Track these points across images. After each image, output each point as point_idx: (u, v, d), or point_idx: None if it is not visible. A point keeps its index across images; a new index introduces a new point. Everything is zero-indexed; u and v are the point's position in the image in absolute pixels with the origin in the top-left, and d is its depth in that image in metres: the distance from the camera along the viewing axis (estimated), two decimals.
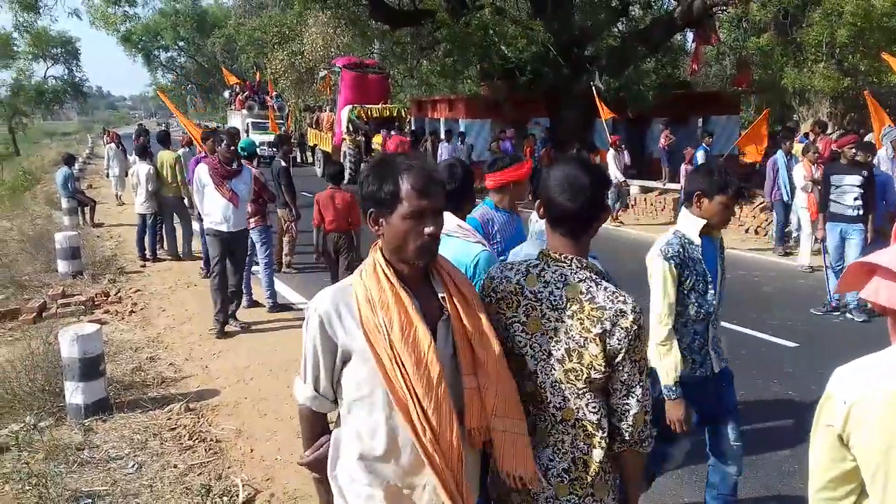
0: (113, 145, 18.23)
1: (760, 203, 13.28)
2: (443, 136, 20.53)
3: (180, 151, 11.52)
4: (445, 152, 18.22)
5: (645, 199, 15.84)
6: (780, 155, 10.64)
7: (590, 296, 1.92)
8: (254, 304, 8.23)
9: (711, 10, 17.82)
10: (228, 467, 4.47)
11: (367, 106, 22.57)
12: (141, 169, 10.59)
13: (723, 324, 7.25)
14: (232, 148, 7.17)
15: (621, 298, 1.91)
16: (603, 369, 1.89)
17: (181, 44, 61.64)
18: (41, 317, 7.82)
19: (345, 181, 8.37)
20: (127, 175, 14.89)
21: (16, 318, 7.81)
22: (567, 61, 18.07)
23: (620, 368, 1.91)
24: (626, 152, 15.07)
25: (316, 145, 25.93)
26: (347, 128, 22.29)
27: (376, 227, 1.93)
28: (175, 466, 4.45)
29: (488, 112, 21.10)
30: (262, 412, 5.32)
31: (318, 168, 23.17)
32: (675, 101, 20.30)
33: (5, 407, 5.34)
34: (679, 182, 14.81)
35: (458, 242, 2.96)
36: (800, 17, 17.17)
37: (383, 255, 1.93)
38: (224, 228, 7.02)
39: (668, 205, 15.07)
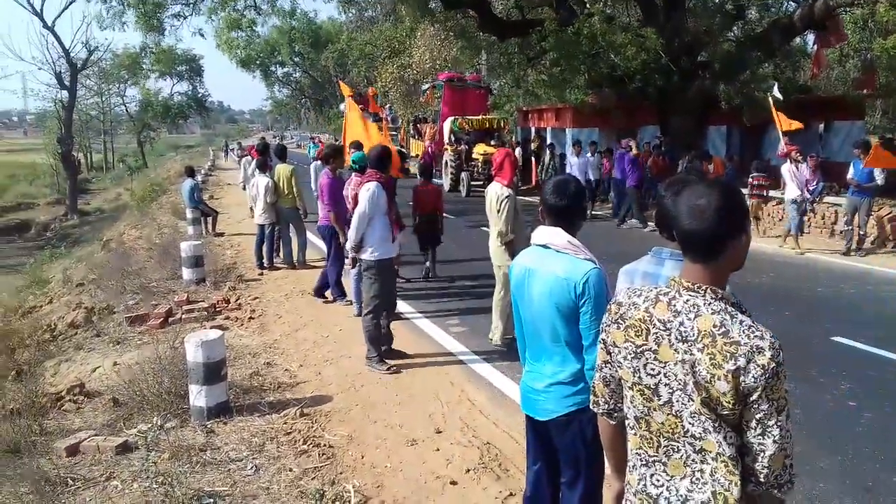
0: (249, 158, 18.84)
1: None
2: (569, 148, 19.96)
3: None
4: (576, 168, 17.12)
5: (762, 209, 15.18)
6: None
7: (724, 329, 1.81)
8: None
9: (834, 12, 16.97)
10: (340, 473, 4.59)
11: (469, 117, 22.97)
12: (260, 181, 11.06)
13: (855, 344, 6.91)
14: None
15: (758, 333, 1.80)
16: (731, 407, 1.79)
17: (296, 59, 64.03)
18: (167, 322, 8.29)
19: (447, 186, 8.82)
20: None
21: (144, 323, 8.32)
22: (678, 67, 17.64)
23: (756, 407, 1.78)
24: (806, 164, 12.77)
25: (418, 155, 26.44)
26: (449, 138, 22.76)
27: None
28: (290, 470, 4.61)
29: (596, 120, 20.88)
30: (373, 419, 5.44)
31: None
32: (794, 106, 19.42)
33: (135, 407, 5.70)
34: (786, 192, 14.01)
35: (569, 259, 2.95)
36: None
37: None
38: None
39: (788, 214, 14.39)
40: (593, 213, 16.64)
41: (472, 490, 4.35)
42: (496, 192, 6.68)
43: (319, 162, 12.45)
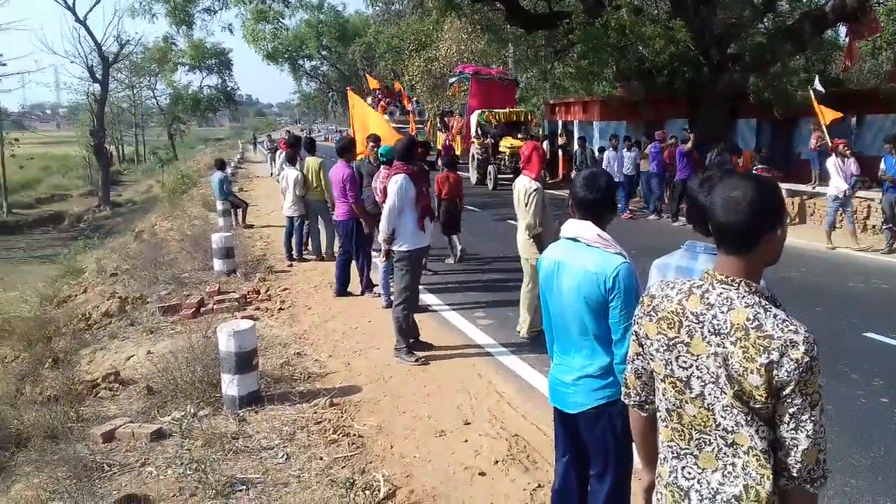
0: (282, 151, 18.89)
1: None
2: (595, 143, 19.58)
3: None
4: (614, 162, 16.50)
5: (792, 203, 15.02)
6: None
7: (757, 323, 1.81)
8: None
9: (868, 2, 16.67)
10: (370, 462, 4.65)
11: (495, 110, 22.92)
12: (290, 174, 11.17)
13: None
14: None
15: (792, 328, 1.79)
16: (764, 400, 1.79)
17: (324, 53, 64.28)
18: (199, 312, 8.42)
19: (473, 179, 8.79)
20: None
21: (177, 313, 8.45)
22: (707, 60, 17.45)
23: (789, 401, 1.78)
24: (853, 159, 12.25)
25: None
26: (476, 132, 22.73)
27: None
28: (321, 458, 4.68)
29: (623, 113, 20.75)
30: (402, 410, 5.50)
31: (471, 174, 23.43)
32: (826, 99, 19.13)
33: (168, 395, 5.81)
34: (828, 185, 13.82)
35: (599, 253, 2.97)
36: None
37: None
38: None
39: (818, 209, 14.24)
40: (629, 208, 16.42)
41: (500, 481, 4.39)
42: (524, 185, 6.69)
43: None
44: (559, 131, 24.68)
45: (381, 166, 8.23)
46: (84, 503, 4.18)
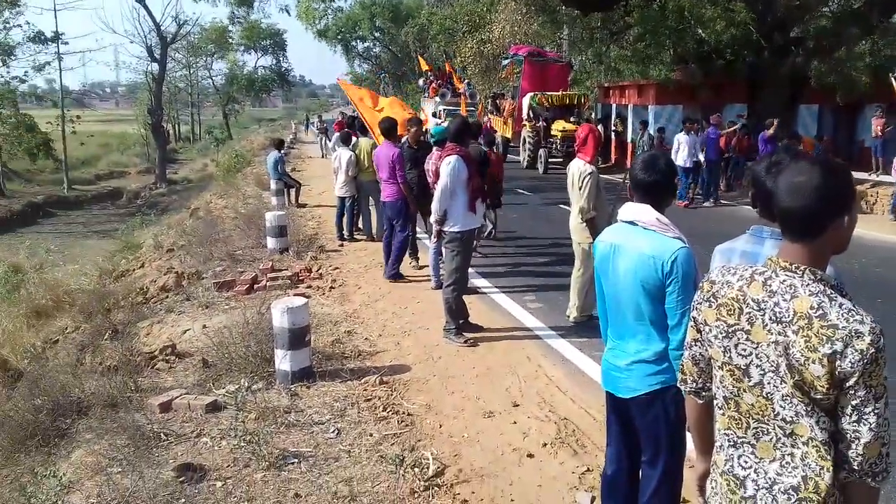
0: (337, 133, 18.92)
1: None
2: (650, 126, 19.14)
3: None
4: (686, 146, 15.12)
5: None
6: None
7: (821, 311, 1.75)
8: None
9: None
10: (419, 440, 4.70)
11: (548, 93, 22.66)
12: (343, 155, 11.26)
13: None
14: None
15: (858, 318, 1.73)
16: (825, 391, 1.74)
17: (377, 34, 64.34)
18: (253, 288, 8.57)
19: (524, 163, 8.65)
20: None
21: (231, 289, 8.62)
22: (769, 43, 16.99)
23: (852, 393, 1.74)
24: None
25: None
26: (528, 114, 22.53)
27: None
28: (371, 435, 4.74)
29: (680, 98, 20.33)
30: (450, 390, 5.53)
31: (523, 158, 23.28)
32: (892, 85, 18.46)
33: (223, 369, 5.94)
34: (893, 174, 13.41)
35: (657, 237, 2.93)
36: None
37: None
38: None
39: (882, 199, 13.80)
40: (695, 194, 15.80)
41: (548, 463, 4.39)
42: (579, 168, 6.62)
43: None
44: (613, 115, 24.32)
45: (434, 148, 8.24)
46: (142, 470, 4.31)
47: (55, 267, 16.44)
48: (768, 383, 1.85)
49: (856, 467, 1.77)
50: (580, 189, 6.57)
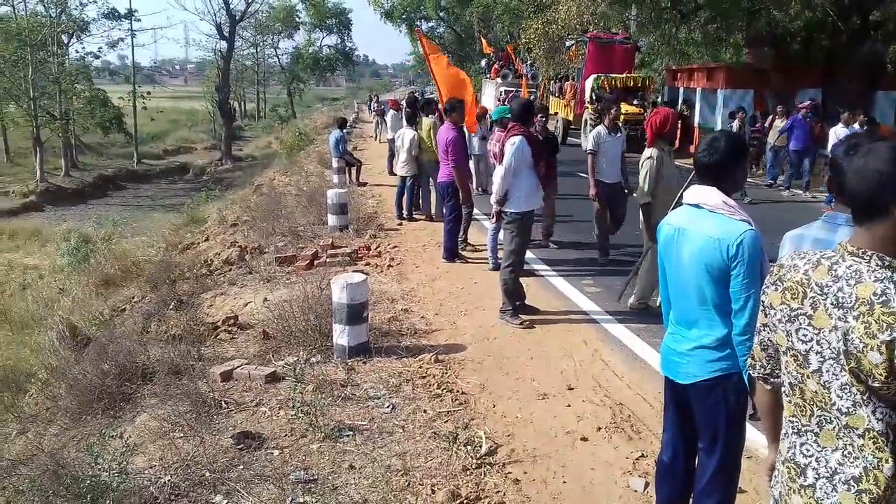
0: (393, 112, 18.59)
1: None
2: (716, 112, 18.63)
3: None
4: (837, 138, 14.21)
5: None
6: None
7: (884, 298, 1.69)
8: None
9: None
10: (472, 419, 4.71)
11: (611, 75, 22.22)
12: (407, 134, 11.31)
13: None
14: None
15: None
16: (883, 379, 1.68)
17: (441, 14, 64.11)
18: (313, 264, 8.70)
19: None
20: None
21: (292, 264, 8.77)
22: (847, 27, 16.33)
23: None
24: None
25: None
26: (591, 97, 22.13)
27: None
28: (425, 412, 4.77)
29: (751, 81, 19.71)
30: (505, 371, 5.53)
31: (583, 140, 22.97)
32: None
33: (283, 341, 6.05)
34: None
35: (722, 219, 2.84)
36: None
37: None
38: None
39: None
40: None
41: (602, 448, 4.36)
42: (644, 153, 6.51)
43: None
44: (679, 99, 23.74)
45: (495, 128, 8.19)
46: (203, 436, 4.44)
47: (123, 238, 16.99)
48: (827, 371, 1.81)
49: None
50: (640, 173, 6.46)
